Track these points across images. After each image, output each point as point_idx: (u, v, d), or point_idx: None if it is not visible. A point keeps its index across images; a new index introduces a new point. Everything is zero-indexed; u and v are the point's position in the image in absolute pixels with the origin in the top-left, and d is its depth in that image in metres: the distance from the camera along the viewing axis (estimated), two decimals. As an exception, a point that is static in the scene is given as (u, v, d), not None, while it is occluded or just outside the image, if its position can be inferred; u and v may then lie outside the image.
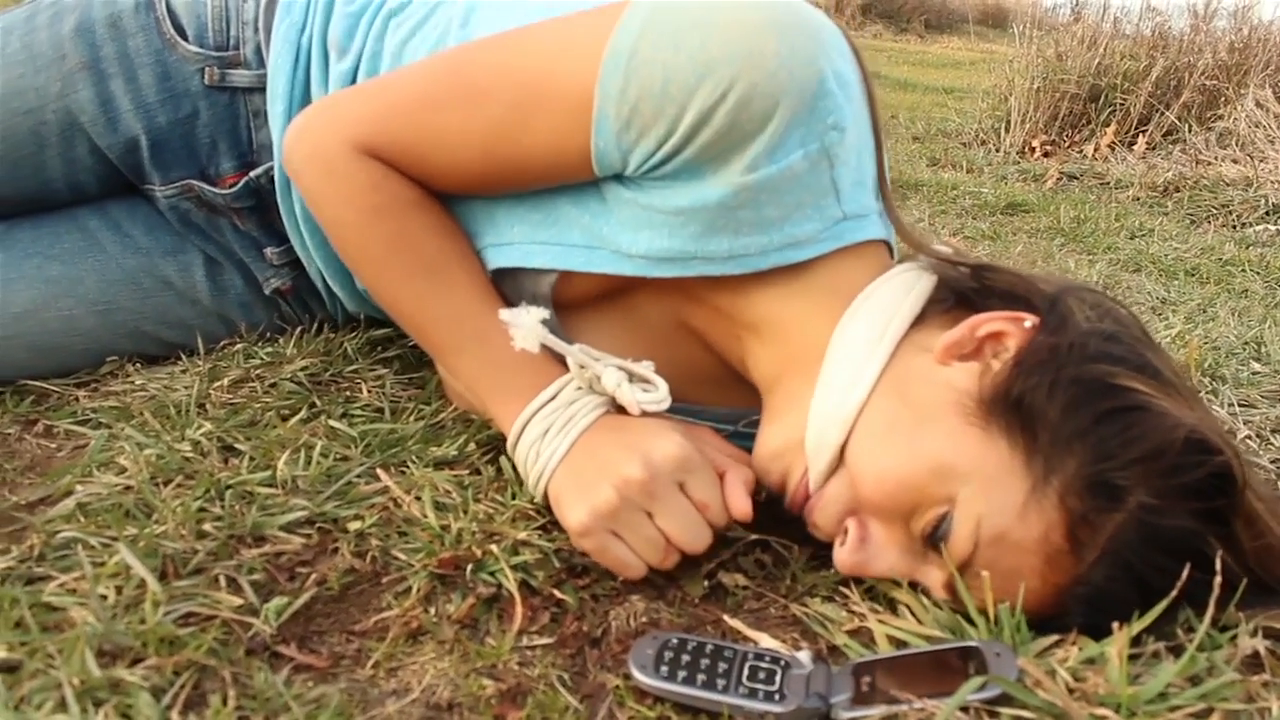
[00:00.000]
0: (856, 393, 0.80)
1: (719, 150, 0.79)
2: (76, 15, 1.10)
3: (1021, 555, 0.73)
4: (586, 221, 0.88)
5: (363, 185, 0.89)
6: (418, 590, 0.78)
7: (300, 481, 0.91)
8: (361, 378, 1.15)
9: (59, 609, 0.72)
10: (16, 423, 1.05)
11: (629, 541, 0.79)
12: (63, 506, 0.86)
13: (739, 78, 0.76)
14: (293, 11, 1.09)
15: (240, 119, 1.11)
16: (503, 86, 0.85)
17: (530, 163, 0.86)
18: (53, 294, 1.11)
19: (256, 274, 1.19)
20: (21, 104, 1.09)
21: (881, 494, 0.77)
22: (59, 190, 1.14)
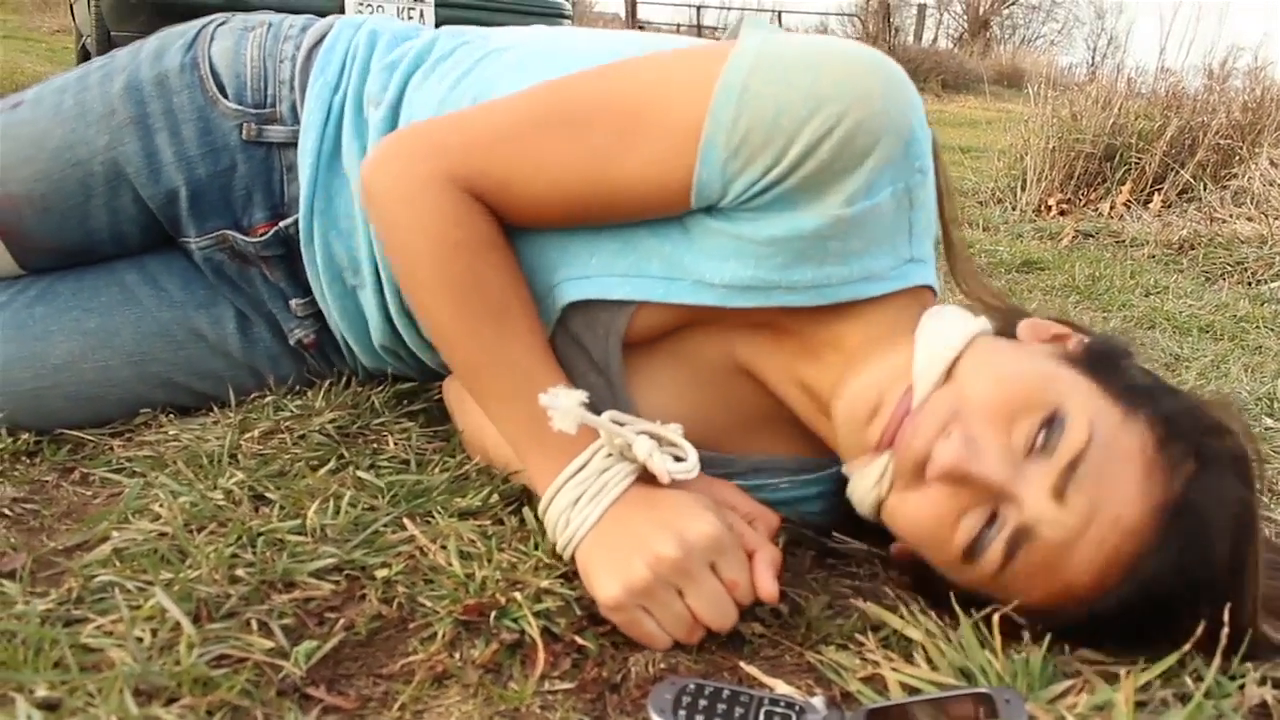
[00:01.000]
0: (966, 328, 0.87)
1: (819, 182, 0.84)
2: (126, 75, 1.17)
3: (1126, 462, 0.78)
4: (667, 251, 0.91)
5: (446, 217, 0.91)
6: (443, 636, 0.80)
7: (329, 530, 0.93)
8: (388, 430, 1.18)
9: (97, 650, 0.74)
10: (54, 470, 1.08)
11: (658, 617, 0.81)
12: (99, 551, 0.89)
13: (847, 114, 0.82)
14: (326, 72, 1.14)
15: (274, 172, 1.16)
16: (607, 115, 0.89)
17: (627, 193, 0.89)
18: (90, 346, 1.15)
19: (283, 325, 1.23)
20: (72, 156, 1.15)
21: (995, 391, 0.82)
22: (102, 240, 1.19)
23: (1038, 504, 0.78)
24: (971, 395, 0.82)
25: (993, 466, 0.79)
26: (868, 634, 0.84)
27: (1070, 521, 0.77)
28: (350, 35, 1.18)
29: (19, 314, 1.14)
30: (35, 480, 1.06)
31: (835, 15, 23.43)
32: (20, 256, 1.19)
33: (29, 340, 1.13)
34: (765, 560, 0.83)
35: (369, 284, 1.11)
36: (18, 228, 1.16)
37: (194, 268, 1.22)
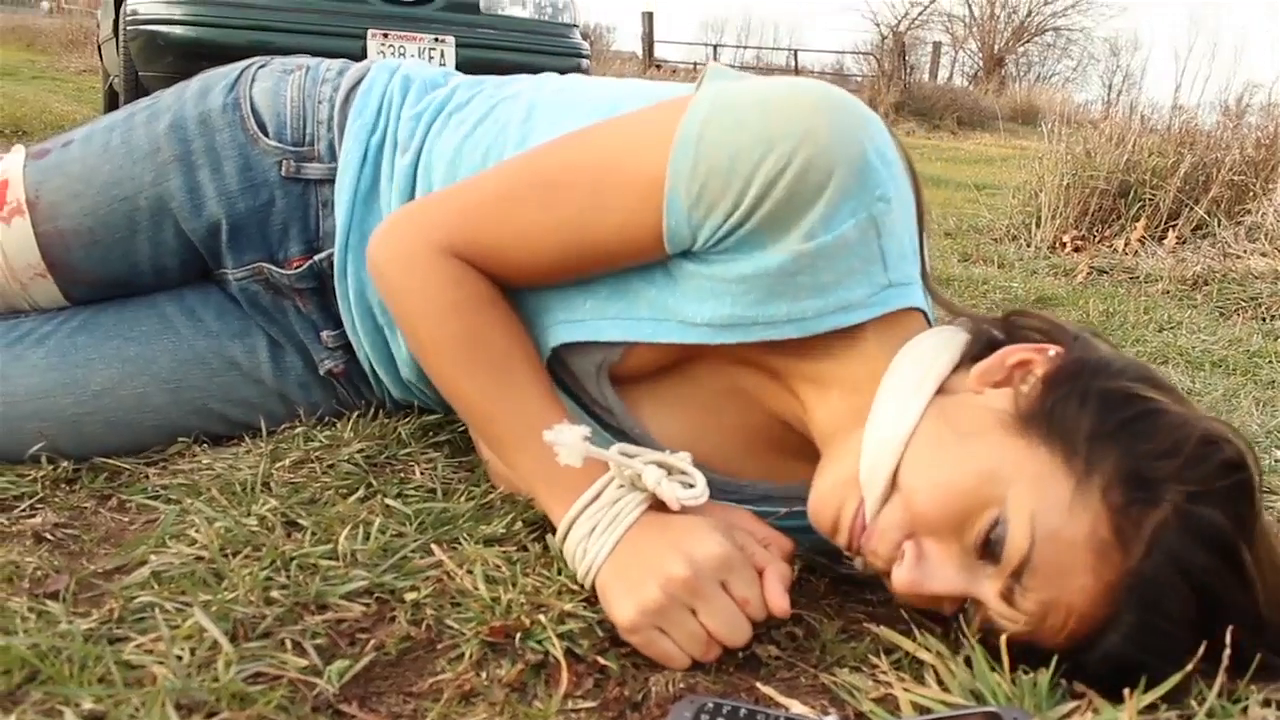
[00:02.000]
0: (904, 422, 0.87)
1: (780, 220, 0.88)
2: (171, 114, 1.23)
3: (1074, 552, 0.78)
4: (653, 295, 0.96)
5: (442, 282, 0.98)
6: (470, 656, 0.83)
7: (359, 555, 0.97)
8: (414, 460, 1.22)
9: (139, 666, 0.78)
10: (93, 497, 1.12)
11: (674, 637, 0.84)
12: (138, 574, 0.92)
13: (797, 152, 0.86)
14: (364, 114, 1.20)
15: (310, 207, 1.21)
16: (578, 179, 0.95)
17: (606, 248, 0.95)
18: (129, 373, 1.20)
19: (314, 355, 1.27)
20: (119, 192, 1.20)
21: (935, 504, 0.83)
22: (143, 273, 1.24)
23: (993, 603, 0.82)
24: (916, 512, 0.85)
25: (945, 583, 0.84)
26: (880, 656, 0.87)
27: (1024, 618, 0.80)
28: (386, 80, 1.24)
29: (62, 342, 1.19)
30: (75, 506, 1.09)
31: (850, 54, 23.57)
32: (66, 289, 1.24)
33: (71, 367, 1.18)
34: (775, 575, 0.86)
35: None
36: (65, 260, 1.22)
37: (229, 300, 1.26)
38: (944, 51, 24.26)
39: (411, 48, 4.81)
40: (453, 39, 4.93)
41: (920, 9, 20.79)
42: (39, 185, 1.21)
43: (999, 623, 0.82)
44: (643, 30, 19.84)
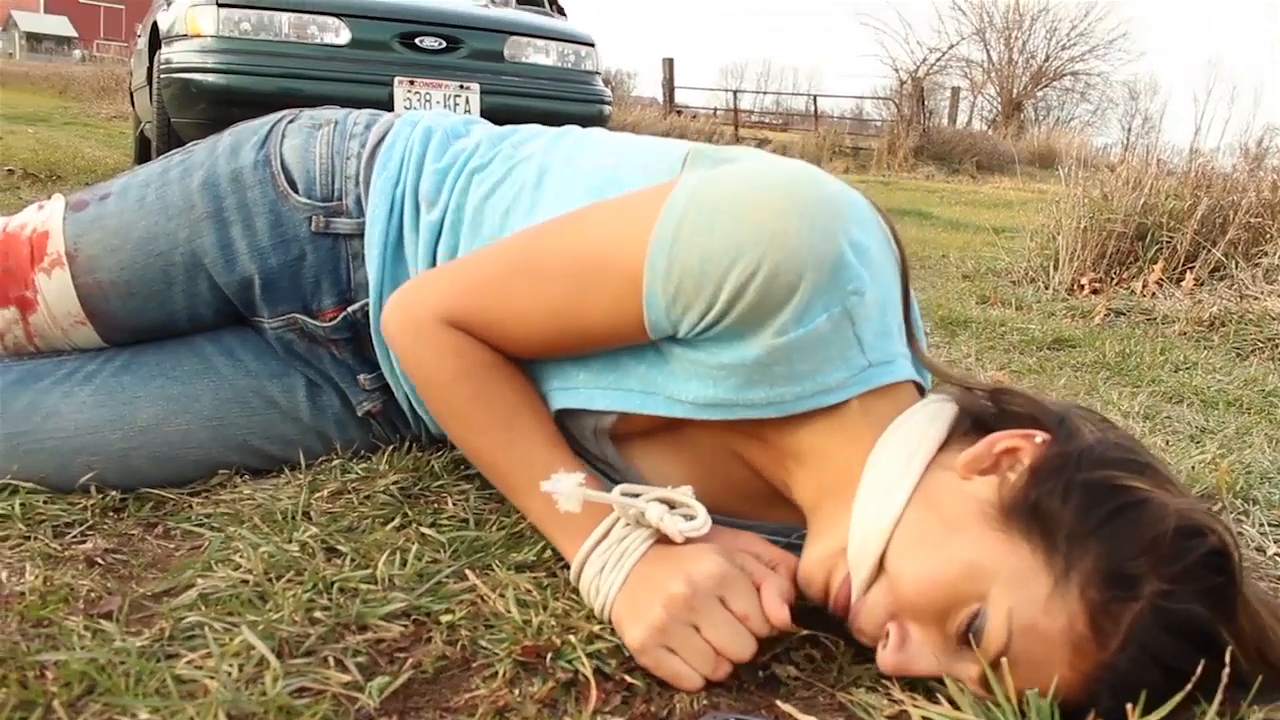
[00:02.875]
0: (892, 507, 0.89)
1: (753, 319, 0.91)
2: (204, 171, 1.28)
3: (1050, 646, 0.80)
4: (643, 371, 1.01)
5: (447, 351, 1.04)
6: (504, 674, 0.87)
7: (397, 579, 1.01)
8: (447, 492, 1.27)
9: (190, 680, 0.82)
10: (139, 525, 1.17)
11: (682, 654, 0.88)
12: (186, 596, 0.97)
13: (764, 258, 0.89)
14: (388, 168, 1.25)
15: (341, 261, 1.26)
16: (565, 268, 1.01)
17: (594, 331, 1.01)
18: (173, 410, 1.25)
19: (351, 397, 1.32)
20: (155, 248, 1.26)
21: (919, 596, 0.86)
22: (180, 321, 1.30)
23: (972, 687, 0.85)
24: (901, 599, 0.88)
25: (929, 667, 0.87)
26: (893, 678, 0.91)
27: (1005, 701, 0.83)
28: (408, 133, 1.29)
29: (108, 380, 1.25)
30: (123, 534, 1.14)
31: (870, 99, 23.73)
32: (105, 335, 1.30)
33: (118, 404, 1.23)
34: (771, 589, 0.90)
35: None
36: (104, 309, 1.28)
37: (267, 341, 1.32)
38: (963, 96, 24.41)
39: (437, 95, 4.90)
40: (478, 86, 5.02)
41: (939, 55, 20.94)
42: (78, 239, 1.27)
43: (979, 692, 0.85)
44: (663, 76, 20.04)
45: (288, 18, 4.82)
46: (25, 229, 1.29)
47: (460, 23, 5.22)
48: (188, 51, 4.77)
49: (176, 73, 4.78)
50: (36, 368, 1.26)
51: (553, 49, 5.42)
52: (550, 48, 5.42)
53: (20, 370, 1.25)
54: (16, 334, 1.29)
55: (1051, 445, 0.88)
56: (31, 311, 1.28)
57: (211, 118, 4.66)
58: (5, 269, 1.27)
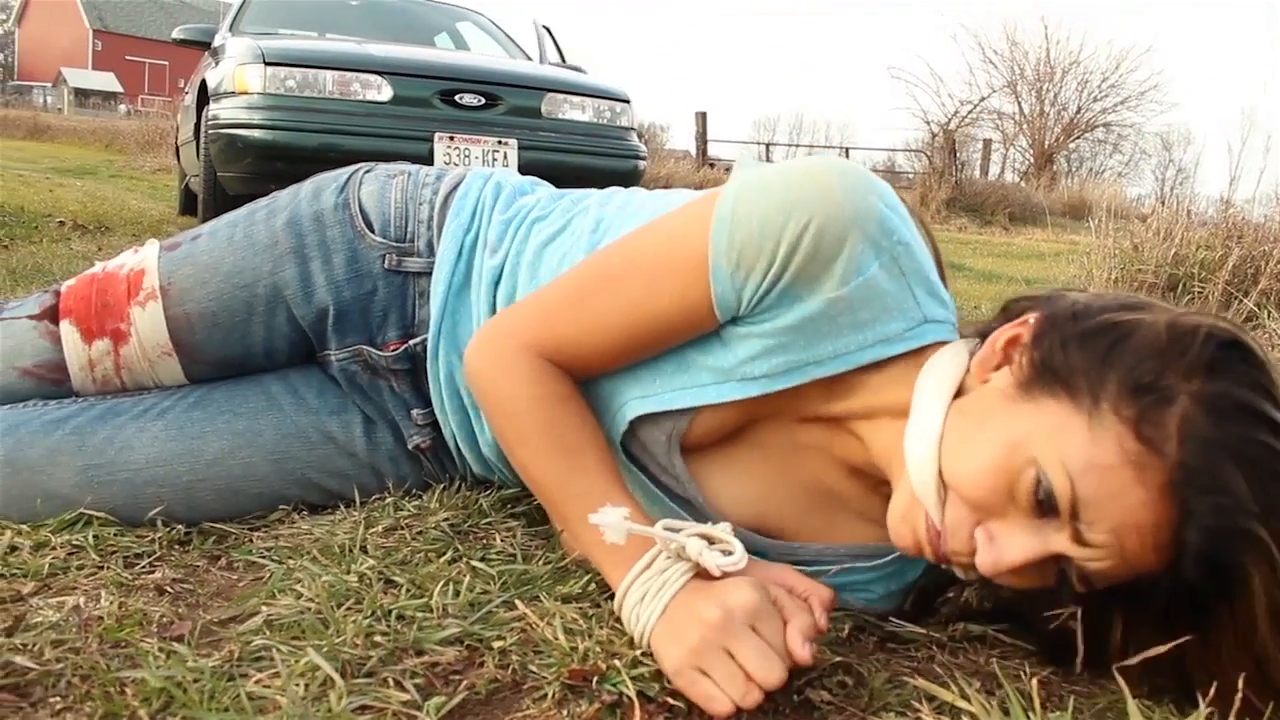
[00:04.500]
0: (931, 430, 0.99)
1: (811, 273, 1.02)
2: (287, 212, 1.38)
3: (1114, 474, 0.87)
4: (711, 362, 1.09)
5: (527, 379, 1.11)
6: (552, 696, 0.92)
7: (450, 608, 1.07)
8: (495, 529, 1.32)
9: (260, 698, 0.88)
10: (204, 557, 1.23)
11: (714, 677, 0.92)
12: (252, 622, 1.03)
13: (814, 215, 1.01)
14: (460, 215, 1.36)
15: (408, 297, 1.35)
16: (635, 269, 1.10)
17: (666, 324, 1.09)
18: (237, 445, 1.32)
19: (403, 431, 1.40)
20: (240, 280, 1.35)
21: (979, 487, 0.94)
22: (256, 355, 1.38)
23: (1070, 550, 0.91)
24: (968, 500, 0.95)
25: (1020, 550, 0.93)
26: (922, 702, 0.95)
27: (1102, 551, 0.90)
28: (480, 186, 1.40)
29: (180, 416, 1.32)
30: (189, 565, 1.21)
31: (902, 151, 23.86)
32: (187, 367, 1.38)
33: (187, 439, 1.31)
34: (796, 626, 0.94)
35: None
36: (190, 341, 1.36)
37: (328, 380, 1.40)
38: (995, 148, 24.47)
39: (476, 150, 5.03)
40: (515, 142, 5.14)
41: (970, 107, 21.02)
42: (171, 274, 1.36)
43: (1089, 567, 0.91)
44: (696, 129, 20.23)
45: (332, 75, 4.99)
46: (123, 268, 1.39)
47: (499, 80, 5.38)
48: (235, 108, 4.94)
49: (224, 128, 4.94)
50: (116, 404, 1.34)
51: (589, 105, 5.56)
52: (586, 104, 5.56)
53: (101, 407, 1.33)
54: (106, 366, 1.38)
55: (1042, 316, 0.99)
56: (124, 343, 1.36)
57: (257, 172, 4.81)
58: (103, 303, 1.37)
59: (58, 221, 5.74)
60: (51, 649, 0.95)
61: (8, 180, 8.62)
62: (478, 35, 7.13)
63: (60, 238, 5.14)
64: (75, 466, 1.28)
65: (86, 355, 1.37)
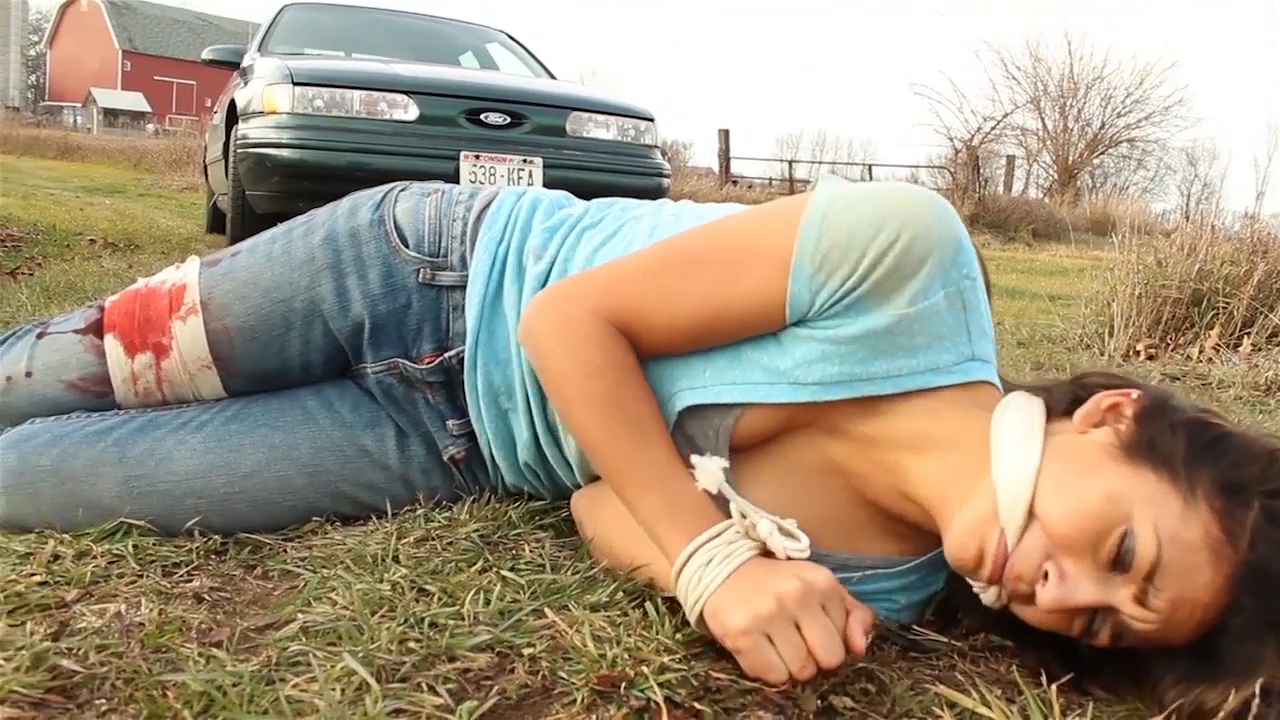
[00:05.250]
0: (1031, 461, 1.03)
1: (886, 287, 1.07)
2: (324, 229, 1.42)
3: (1194, 552, 0.95)
4: (766, 361, 1.13)
5: (593, 344, 1.14)
6: (582, 701, 0.95)
7: (481, 616, 1.09)
8: (524, 539, 1.35)
9: (299, 701, 0.90)
10: (240, 566, 1.26)
11: (778, 645, 0.96)
12: (288, 629, 1.05)
13: (904, 230, 1.06)
14: (493, 229, 1.39)
15: (442, 311, 1.39)
16: (714, 254, 1.15)
17: (734, 314, 1.13)
18: (273, 457, 1.36)
19: (438, 442, 1.43)
20: (278, 295, 1.39)
21: (1073, 527, 0.98)
22: (292, 368, 1.42)
23: (1126, 607, 0.97)
24: (1055, 535, 0.99)
25: (1087, 595, 0.98)
26: (944, 709, 0.97)
27: (1156, 616, 0.96)
28: (513, 202, 1.44)
29: (218, 429, 1.36)
30: (225, 574, 1.24)
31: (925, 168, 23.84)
32: (225, 380, 1.42)
33: (225, 451, 1.34)
34: (858, 618, 0.98)
35: (521, 408, 1.33)
36: (229, 354, 1.40)
37: (362, 394, 1.43)
38: (1018, 164, 24.41)
39: (501, 169, 5.07)
40: (540, 160, 5.18)
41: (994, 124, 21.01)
42: (211, 289, 1.41)
43: (1131, 625, 0.97)
44: (719, 147, 20.29)
45: (359, 95, 5.04)
46: (165, 284, 1.44)
47: (523, 99, 5.42)
48: (263, 127, 5.00)
49: (252, 148, 5.01)
50: (156, 418, 1.38)
51: (613, 124, 5.59)
52: (610, 122, 5.59)
53: (142, 420, 1.37)
54: (149, 379, 1.42)
55: (1146, 396, 1.05)
56: (165, 356, 1.41)
57: (285, 191, 4.87)
58: (146, 318, 1.41)
59: (89, 240, 5.82)
60: (96, 653, 0.98)
61: (39, 199, 8.74)
62: (504, 55, 7.19)
63: (91, 255, 5.21)
64: (117, 477, 1.31)
65: (129, 368, 1.41)
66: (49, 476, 1.31)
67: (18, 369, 1.43)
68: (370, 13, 7.30)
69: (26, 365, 1.43)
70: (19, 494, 1.31)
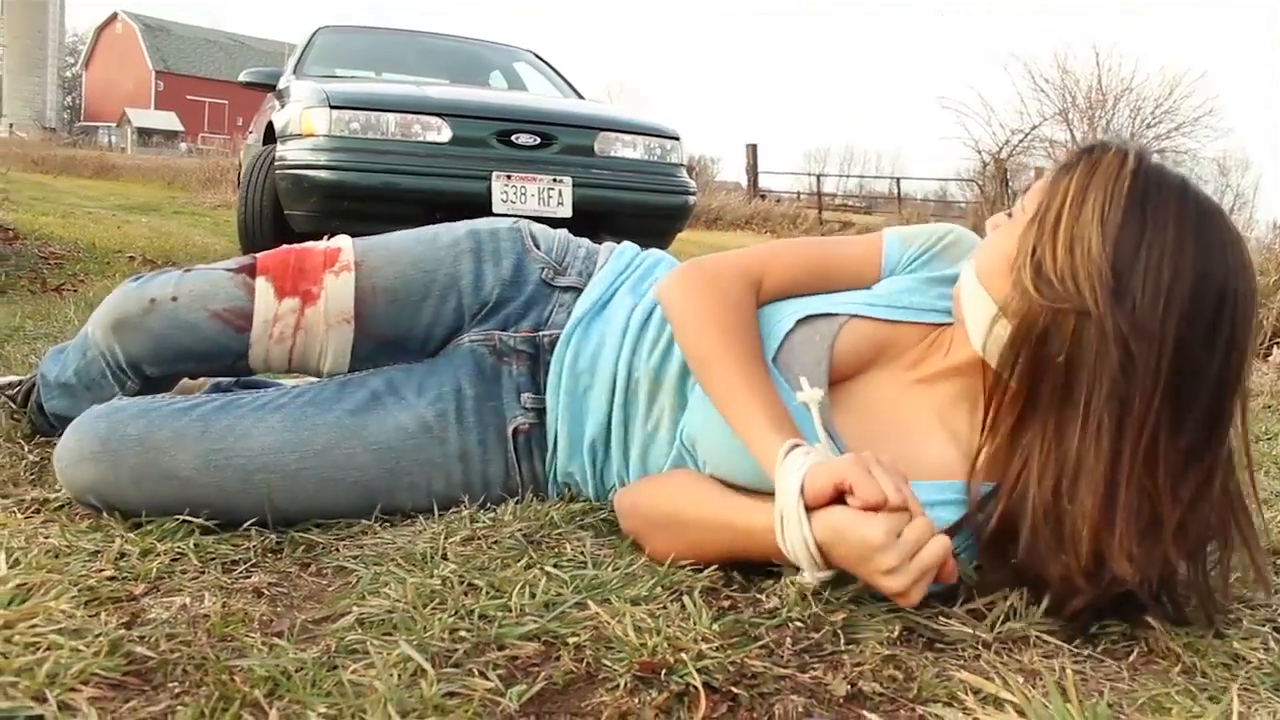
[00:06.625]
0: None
1: (952, 254, 1.45)
2: (468, 226, 1.68)
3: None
4: (866, 294, 1.44)
5: (731, 290, 1.39)
6: (624, 686, 1.00)
7: (527, 608, 1.15)
8: (566, 538, 1.41)
9: (359, 684, 0.96)
10: (295, 564, 1.32)
11: (876, 476, 1.11)
12: (345, 621, 1.11)
13: (955, 229, 1.47)
14: (621, 259, 1.68)
15: (551, 303, 1.61)
16: (823, 239, 1.52)
17: (842, 261, 1.47)
18: (344, 436, 1.45)
19: (506, 413, 1.54)
20: (425, 265, 1.60)
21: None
22: (416, 336, 1.60)
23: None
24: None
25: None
26: (968, 694, 1.02)
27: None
28: (636, 253, 1.71)
29: (295, 411, 1.46)
30: (282, 571, 1.30)
31: (953, 181, 23.83)
32: (356, 341, 1.58)
33: (300, 430, 1.44)
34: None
35: (604, 386, 1.50)
36: (370, 312, 1.57)
37: (429, 375, 1.55)
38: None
39: (532, 188, 5.15)
40: (570, 179, 5.25)
41: (1022, 136, 20.98)
42: (365, 252, 1.61)
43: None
44: (747, 162, 20.37)
45: (394, 118, 5.16)
46: (317, 246, 1.63)
47: (553, 120, 5.52)
48: (301, 149, 5.12)
49: (290, 168, 5.12)
50: (238, 398, 1.48)
51: (640, 143, 5.66)
52: (638, 142, 5.66)
53: (223, 400, 1.47)
54: (287, 323, 1.56)
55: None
56: (311, 304, 1.56)
57: (324, 210, 4.98)
58: (300, 267, 1.58)
59: (128, 257, 5.94)
60: (166, 641, 1.04)
61: (78, 218, 8.90)
62: (532, 74, 7.30)
63: (131, 272, 5.31)
64: (197, 450, 1.40)
65: (274, 310, 1.55)
66: (134, 445, 1.39)
67: (164, 293, 1.56)
68: (400, 34, 7.48)
69: (174, 290, 1.56)
70: (103, 460, 1.39)
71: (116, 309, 1.57)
